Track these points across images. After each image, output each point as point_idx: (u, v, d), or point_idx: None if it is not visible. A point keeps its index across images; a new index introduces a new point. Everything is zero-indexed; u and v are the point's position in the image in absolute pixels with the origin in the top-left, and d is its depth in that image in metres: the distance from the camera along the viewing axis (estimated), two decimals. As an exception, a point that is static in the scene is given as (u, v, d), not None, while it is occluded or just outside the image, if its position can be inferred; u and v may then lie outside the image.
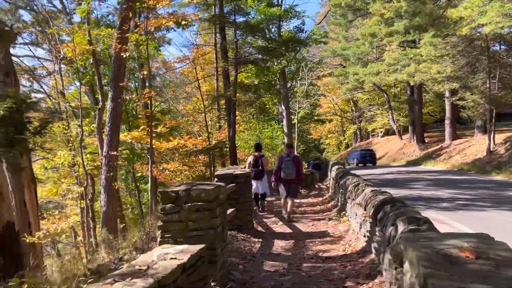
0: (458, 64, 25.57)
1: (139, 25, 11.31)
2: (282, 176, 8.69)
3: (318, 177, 21.18)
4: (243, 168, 10.53)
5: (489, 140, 23.98)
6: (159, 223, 4.36)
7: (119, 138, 12.44)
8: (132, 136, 13.18)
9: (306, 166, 21.36)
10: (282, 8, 22.21)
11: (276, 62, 20.85)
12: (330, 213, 9.13)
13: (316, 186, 18.32)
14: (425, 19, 18.11)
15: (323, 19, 36.87)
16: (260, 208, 9.83)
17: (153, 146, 13.22)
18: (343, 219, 7.61)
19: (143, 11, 12.47)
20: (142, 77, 13.97)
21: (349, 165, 32.10)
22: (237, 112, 20.26)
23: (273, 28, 22.05)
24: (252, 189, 8.34)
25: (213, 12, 18.33)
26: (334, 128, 64.57)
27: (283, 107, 23.97)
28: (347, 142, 66.77)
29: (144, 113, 12.23)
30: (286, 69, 24.67)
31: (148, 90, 10.63)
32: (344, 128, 64.08)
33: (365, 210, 6.01)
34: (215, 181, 7.11)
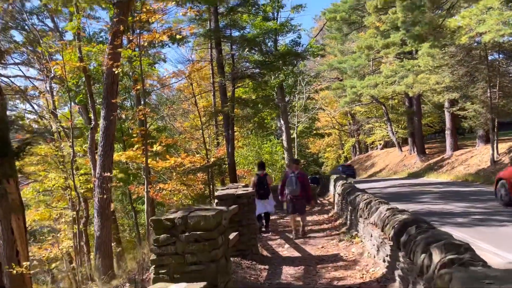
0: (457, 74, 25.27)
1: (132, 40, 10.87)
2: (286, 193, 8.50)
3: (318, 192, 20.59)
4: (244, 186, 10.06)
5: (493, 150, 23.51)
6: (152, 257, 3.77)
7: (113, 159, 11.86)
8: (127, 156, 12.61)
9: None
10: (278, 22, 21.95)
11: (274, 76, 20.46)
12: (339, 232, 8.52)
13: (318, 202, 17.71)
14: (425, 28, 17.80)
15: (319, 32, 36.85)
16: (264, 228, 9.49)
17: (149, 165, 12.65)
18: (355, 240, 7.02)
19: (136, 26, 12.06)
20: (136, 93, 13.49)
21: None
22: (235, 128, 19.76)
23: (269, 42, 21.74)
24: (257, 210, 7.80)
25: (208, 27, 18.00)
26: (332, 142, 64.22)
27: (282, 122, 23.50)
28: (346, 155, 66.32)
29: (139, 131, 11.70)
30: (284, 83, 24.30)
31: (142, 107, 10.12)
32: (343, 142, 63.69)
33: (383, 231, 5.43)
34: (215, 202, 6.53)
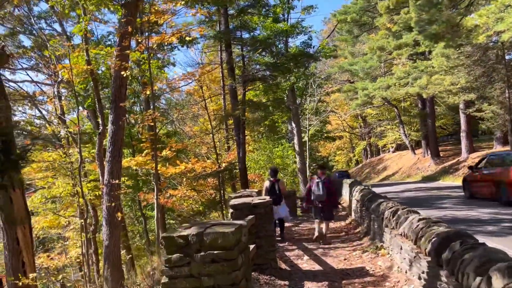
0: (474, 74, 24.59)
1: (140, 42, 10.49)
2: (312, 199, 8.49)
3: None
4: (257, 193, 9.70)
5: (512, 152, 22.74)
6: (164, 279, 3.31)
7: (122, 165, 11.49)
8: (136, 162, 12.22)
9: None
10: (288, 23, 21.50)
11: (285, 78, 20.00)
12: (361, 242, 8.00)
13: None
14: (443, 27, 17.20)
15: (331, 33, 36.27)
16: (279, 237, 9.09)
17: (159, 171, 12.25)
18: (381, 251, 6.50)
19: (144, 28, 11.71)
20: (144, 97, 13.13)
21: None
22: (246, 132, 19.33)
23: (280, 44, 21.30)
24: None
25: (218, 29, 17.62)
26: (343, 145, 63.51)
27: (293, 125, 23.00)
28: (357, 158, 65.49)
29: (148, 136, 11.31)
30: (295, 86, 23.83)
31: (151, 111, 9.72)
32: (353, 145, 62.92)
33: (416, 244, 4.92)
34: (230, 212, 6.07)
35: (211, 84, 23.34)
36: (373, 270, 5.84)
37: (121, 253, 12.23)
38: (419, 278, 4.60)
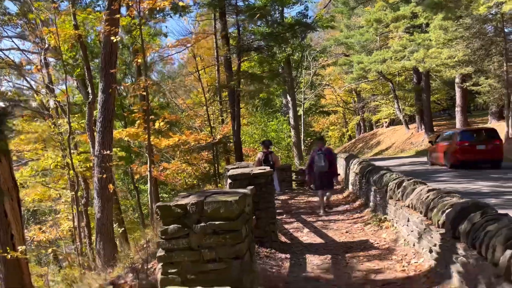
0: (472, 47, 24.12)
1: (131, 6, 9.91)
2: (315, 170, 8.76)
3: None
4: (252, 163, 9.60)
5: (508, 126, 22.61)
6: (159, 252, 3.00)
7: (113, 135, 11.09)
8: (128, 133, 11.81)
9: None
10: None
11: (281, 49, 19.43)
12: (362, 214, 7.78)
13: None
14: (444, -4, 16.65)
15: (327, 4, 35.33)
16: None
17: (152, 143, 11.86)
18: (385, 224, 6.26)
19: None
20: (136, 65, 12.58)
21: None
22: (241, 105, 18.90)
23: (276, 15, 20.61)
24: None
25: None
26: (336, 120, 63.14)
27: (288, 98, 22.60)
28: (350, 133, 65.31)
29: (140, 106, 10.85)
30: (291, 58, 23.26)
31: (143, 78, 9.26)
32: (347, 120, 62.60)
33: (426, 216, 4.66)
34: (228, 182, 5.77)
35: (204, 55, 22.67)
36: (377, 243, 5.61)
37: (114, 226, 11.98)
38: (430, 251, 4.35)
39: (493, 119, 28.21)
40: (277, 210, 8.85)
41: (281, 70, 21.69)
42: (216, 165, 17.64)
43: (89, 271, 7.12)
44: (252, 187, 5.31)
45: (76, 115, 14.80)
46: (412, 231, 5.07)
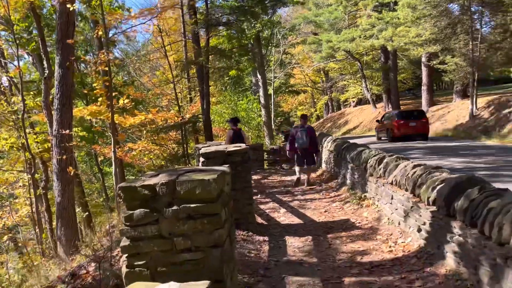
0: (439, 26, 24.32)
1: (88, -29, 9.06)
2: (296, 146, 8.92)
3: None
4: (223, 143, 9.20)
5: (472, 104, 23.12)
6: (123, 242, 2.55)
7: (73, 114, 10.32)
8: (90, 111, 11.03)
9: (283, 139, 19.79)
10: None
11: (250, 25, 18.80)
12: (339, 193, 7.54)
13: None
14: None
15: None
16: None
17: (116, 121, 11.14)
18: (365, 202, 6.01)
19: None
20: (97, 37, 11.70)
21: None
22: (210, 83, 18.24)
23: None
24: None
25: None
26: (305, 100, 63.19)
27: (258, 77, 22.08)
28: (318, 113, 65.62)
29: (102, 80, 10.10)
30: (260, 35, 22.66)
31: (104, 51, 8.53)
32: (315, 100, 62.76)
33: (413, 193, 4.40)
34: (200, 162, 5.31)
35: (171, 31, 21.67)
36: (359, 222, 5.35)
37: (77, 210, 11.30)
38: (419, 230, 4.10)
39: (457, 97, 28.81)
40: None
41: (250, 47, 21.10)
42: (185, 145, 17.03)
43: (49, 260, 6.57)
44: (227, 166, 4.89)
45: (32, 93, 13.76)
46: (396, 209, 4.82)
